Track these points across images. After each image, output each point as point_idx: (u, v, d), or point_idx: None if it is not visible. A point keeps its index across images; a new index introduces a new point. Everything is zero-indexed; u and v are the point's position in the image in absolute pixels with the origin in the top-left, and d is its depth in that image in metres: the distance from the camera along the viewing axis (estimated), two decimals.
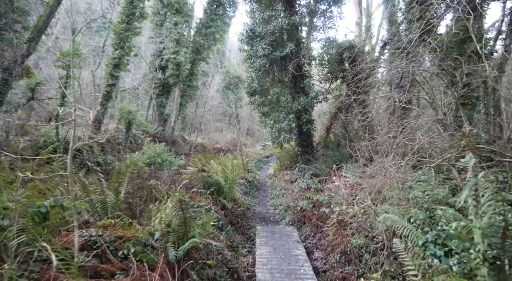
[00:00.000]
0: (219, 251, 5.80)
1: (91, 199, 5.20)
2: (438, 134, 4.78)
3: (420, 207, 5.72)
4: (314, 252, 7.30)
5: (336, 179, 9.97)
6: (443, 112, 6.12)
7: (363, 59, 11.79)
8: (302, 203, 8.95)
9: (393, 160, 5.14)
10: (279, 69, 11.09)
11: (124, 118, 18.05)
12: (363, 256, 6.08)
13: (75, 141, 14.90)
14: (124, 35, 17.40)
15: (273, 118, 11.96)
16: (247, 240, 8.08)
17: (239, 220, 8.45)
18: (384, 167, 5.20)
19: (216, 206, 7.59)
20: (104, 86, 17.92)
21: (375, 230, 6.10)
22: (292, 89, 11.11)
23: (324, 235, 7.40)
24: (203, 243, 5.67)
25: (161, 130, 23.52)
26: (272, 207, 10.79)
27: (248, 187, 12.47)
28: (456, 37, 7.81)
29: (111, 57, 17.73)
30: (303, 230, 8.33)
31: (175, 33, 22.38)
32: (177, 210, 4.77)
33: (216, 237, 6.68)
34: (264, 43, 10.26)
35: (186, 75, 24.01)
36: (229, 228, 7.42)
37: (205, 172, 7.96)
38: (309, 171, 11.09)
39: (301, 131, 11.62)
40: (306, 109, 10.80)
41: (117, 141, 18.13)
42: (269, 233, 7.95)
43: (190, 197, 7.59)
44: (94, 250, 4.12)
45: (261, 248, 6.97)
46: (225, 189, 8.01)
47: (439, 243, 3.29)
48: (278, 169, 15.29)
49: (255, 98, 12.13)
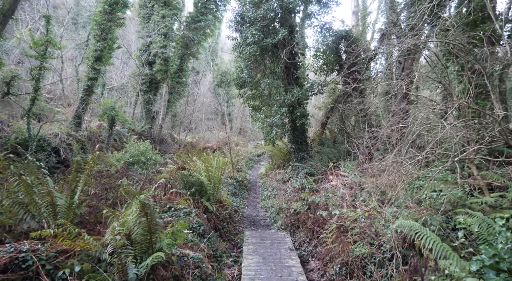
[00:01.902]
0: (197, 264, 4.82)
1: (35, 203, 4.18)
2: (463, 122, 3.89)
3: (435, 211, 4.83)
4: (309, 262, 6.38)
5: (333, 178, 9.07)
6: (460, 98, 5.25)
7: (361, 48, 10.94)
8: (296, 205, 8.03)
9: (407, 154, 4.22)
10: (270, 59, 10.15)
11: (106, 115, 16.92)
12: (368, 268, 5.19)
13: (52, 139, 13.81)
14: (106, 26, 16.31)
15: (264, 113, 11.03)
16: (234, 247, 7.12)
17: (225, 225, 7.48)
18: (396, 162, 4.29)
19: (198, 209, 6.62)
20: (85, 80, 16.76)
21: (382, 236, 5.21)
22: (285, 80, 10.18)
23: (321, 242, 6.48)
24: (177, 255, 4.70)
25: (148, 128, 22.42)
26: (263, 210, 9.85)
27: (237, 188, 11.50)
28: (468, 18, 6.99)
29: (92, 49, 16.63)
30: (297, 235, 7.41)
31: (162, 26, 21.31)
32: (139, 216, 3.78)
33: (196, 245, 5.71)
34: (254, 29, 9.31)
35: (175, 71, 22.96)
36: (212, 234, 6.46)
37: (186, 170, 6.97)
38: (304, 169, 10.17)
39: (295, 127, 10.70)
40: (300, 102, 9.87)
41: (99, 139, 17.05)
42: (259, 240, 6.99)
43: (168, 199, 6.61)
44: (23, 270, 3.13)
45: (249, 258, 6.01)
46: (208, 190, 7.02)
47: (504, 269, 2.27)
48: (270, 168, 14.35)
49: (245, 91, 11.16)
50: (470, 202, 4.86)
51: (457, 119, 4.24)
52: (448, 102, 4.91)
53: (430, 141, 4.05)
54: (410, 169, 3.89)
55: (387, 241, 5.04)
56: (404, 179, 4.13)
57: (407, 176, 4.08)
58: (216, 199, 7.70)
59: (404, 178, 4.16)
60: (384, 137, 5.85)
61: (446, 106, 4.82)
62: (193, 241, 5.75)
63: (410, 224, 3.30)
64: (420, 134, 4.63)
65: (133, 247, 3.80)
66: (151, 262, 3.56)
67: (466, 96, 4.95)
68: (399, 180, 4.33)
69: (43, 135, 13.17)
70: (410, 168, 3.91)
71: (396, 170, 4.31)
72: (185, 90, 25.81)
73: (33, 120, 14.70)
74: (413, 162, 3.84)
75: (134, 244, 3.84)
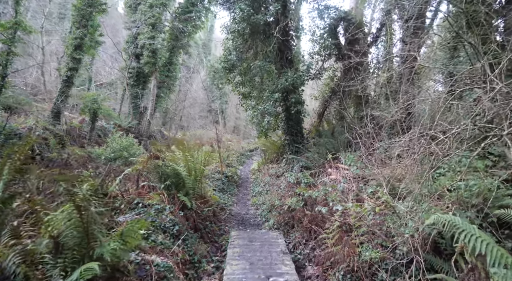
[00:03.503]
0: (163, 273, 3.76)
1: None
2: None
3: (465, 205, 3.83)
4: (306, 267, 5.34)
5: (332, 171, 8.07)
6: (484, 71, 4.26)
7: (362, 31, 9.99)
8: (291, 201, 7.00)
9: (436, 127, 3.19)
10: (262, 39, 9.10)
11: (88, 108, 15.74)
12: (378, 276, 4.18)
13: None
14: (86, 12, 15.12)
15: (255, 99, 9.98)
16: (217, 250, 6.07)
17: (208, 224, 6.41)
18: (423, 137, 3.26)
19: (174, 205, 5.55)
20: (65, 70, 15.56)
21: (396, 237, 4.19)
22: (278, 64, 9.14)
23: (320, 243, 5.46)
24: (136, 263, 3.64)
25: (136, 124, 21.26)
26: (254, 207, 8.80)
27: (226, 184, 10.42)
28: None
29: (71, 37, 15.42)
30: (292, 236, 6.39)
31: (150, 16, 20.18)
32: (70, 213, 2.71)
33: (167, 249, 4.64)
34: (243, 3, 8.24)
35: (164, 64, 21.81)
36: (189, 235, 5.40)
37: (160, 160, 5.90)
38: (299, 162, 9.14)
39: (289, 116, 9.65)
40: (295, 87, 8.84)
41: (80, 134, 15.87)
42: (247, 241, 5.94)
43: (138, 194, 5.53)
44: None
45: (233, 264, 4.96)
46: (187, 183, 5.95)
47: None
48: (262, 162, 13.30)
49: (234, 75, 10.09)
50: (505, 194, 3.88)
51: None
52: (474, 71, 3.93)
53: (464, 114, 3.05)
54: (437, 150, 2.87)
55: (403, 243, 4.04)
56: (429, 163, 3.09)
57: (435, 158, 3.05)
58: (198, 194, 6.62)
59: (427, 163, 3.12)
60: (396, 116, 4.83)
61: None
62: (164, 243, 4.68)
63: (452, 219, 2.29)
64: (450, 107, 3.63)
65: (62, 254, 2.74)
66: (84, 275, 2.49)
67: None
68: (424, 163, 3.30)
69: (14, 128, 12.06)
70: (437, 149, 2.90)
71: (418, 150, 3.29)
72: (175, 84, 24.70)
73: (4, 113, 13.52)
74: (448, 136, 2.83)
75: (65, 251, 2.77)
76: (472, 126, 2.77)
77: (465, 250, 2.54)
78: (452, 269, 3.49)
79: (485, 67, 3.83)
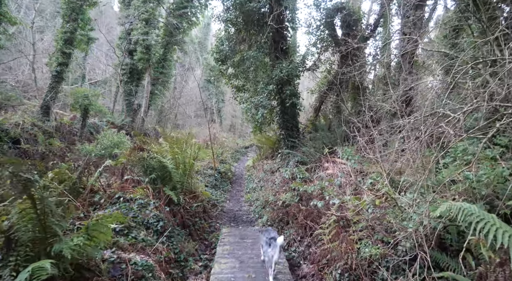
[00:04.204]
0: (141, 273, 3.38)
1: None
2: None
3: (473, 197, 3.48)
4: (301, 266, 4.99)
5: (329, 165, 7.72)
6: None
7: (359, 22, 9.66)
8: (285, 196, 6.65)
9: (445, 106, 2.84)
10: (256, 29, 8.72)
11: (78, 104, 15.29)
12: (379, 274, 3.83)
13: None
14: (76, 5, 14.68)
15: (249, 92, 9.61)
16: (206, 248, 5.70)
17: (197, 221, 6.04)
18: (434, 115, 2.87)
19: (159, 200, 5.17)
20: (54, 65, 15.10)
21: (398, 232, 3.84)
22: (273, 54, 8.78)
23: (316, 240, 5.10)
24: (111, 261, 3.27)
25: (129, 121, 20.82)
26: (247, 203, 8.43)
27: (219, 180, 10.03)
28: None
29: (60, 31, 14.97)
30: (286, 232, 6.02)
31: (143, 11, 19.73)
32: (22, 205, 2.34)
33: (149, 246, 4.27)
34: None
35: (158, 60, 21.37)
36: (174, 232, 5.03)
37: (145, 152, 5.52)
38: (294, 157, 8.79)
39: (285, 110, 9.29)
40: (290, 78, 8.48)
41: (71, 131, 15.41)
42: (238, 238, 5.58)
43: (121, 188, 5.15)
44: None
45: (222, 262, 4.59)
46: (174, 176, 5.56)
47: None
48: (257, 158, 12.93)
49: (227, 67, 9.71)
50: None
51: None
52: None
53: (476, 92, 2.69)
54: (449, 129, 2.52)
55: (405, 238, 3.69)
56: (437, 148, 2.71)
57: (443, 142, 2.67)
58: (187, 189, 6.24)
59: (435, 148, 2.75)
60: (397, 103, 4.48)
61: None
62: (146, 240, 4.31)
63: (468, 207, 1.94)
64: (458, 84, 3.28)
65: (15, 252, 2.36)
66: (36, 277, 2.11)
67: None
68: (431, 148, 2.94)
69: (0, 124, 11.68)
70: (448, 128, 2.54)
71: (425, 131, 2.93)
72: (170, 81, 24.27)
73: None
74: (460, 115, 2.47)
75: (17, 248, 2.39)
76: (487, 104, 2.42)
77: (481, 243, 2.19)
78: (460, 266, 3.15)
79: (493, 45, 3.49)
